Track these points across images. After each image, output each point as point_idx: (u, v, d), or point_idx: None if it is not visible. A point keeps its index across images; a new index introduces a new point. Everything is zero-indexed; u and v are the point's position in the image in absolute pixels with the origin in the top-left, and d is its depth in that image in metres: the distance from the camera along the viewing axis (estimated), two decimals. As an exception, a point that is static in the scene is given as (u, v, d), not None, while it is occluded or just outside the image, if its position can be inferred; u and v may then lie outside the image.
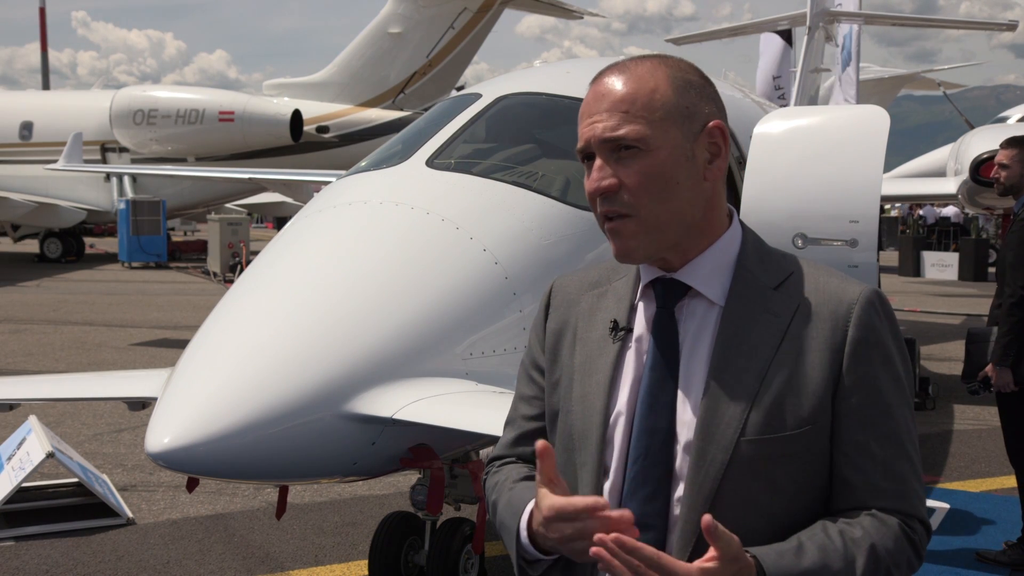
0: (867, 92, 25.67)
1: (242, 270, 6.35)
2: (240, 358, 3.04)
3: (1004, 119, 20.48)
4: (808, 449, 1.51)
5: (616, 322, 1.62)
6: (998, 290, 5.13)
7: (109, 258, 26.06)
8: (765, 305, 1.55)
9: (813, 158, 4.32)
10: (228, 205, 28.73)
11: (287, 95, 24.93)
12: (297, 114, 23.91)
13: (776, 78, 14.66)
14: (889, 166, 11.98)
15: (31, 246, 26.37)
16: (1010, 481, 5.93)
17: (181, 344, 3.61)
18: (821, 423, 1.51)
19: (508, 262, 3.60)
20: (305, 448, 2.96)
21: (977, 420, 8.28)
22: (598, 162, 1.53)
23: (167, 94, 24.96)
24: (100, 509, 5.64)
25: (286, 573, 4.89)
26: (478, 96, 4.63)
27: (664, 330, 1.58)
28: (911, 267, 23.34)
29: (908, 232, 26.51)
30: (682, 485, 1.51)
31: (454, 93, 7.66)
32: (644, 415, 1.54)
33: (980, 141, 10.81)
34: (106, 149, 25.35)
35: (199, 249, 26.33)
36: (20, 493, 5.56)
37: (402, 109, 24.45)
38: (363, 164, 4.53)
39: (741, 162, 4.61)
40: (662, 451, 1.52)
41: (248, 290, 3.49)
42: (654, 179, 1.50)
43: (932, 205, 30.66)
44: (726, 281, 1.57)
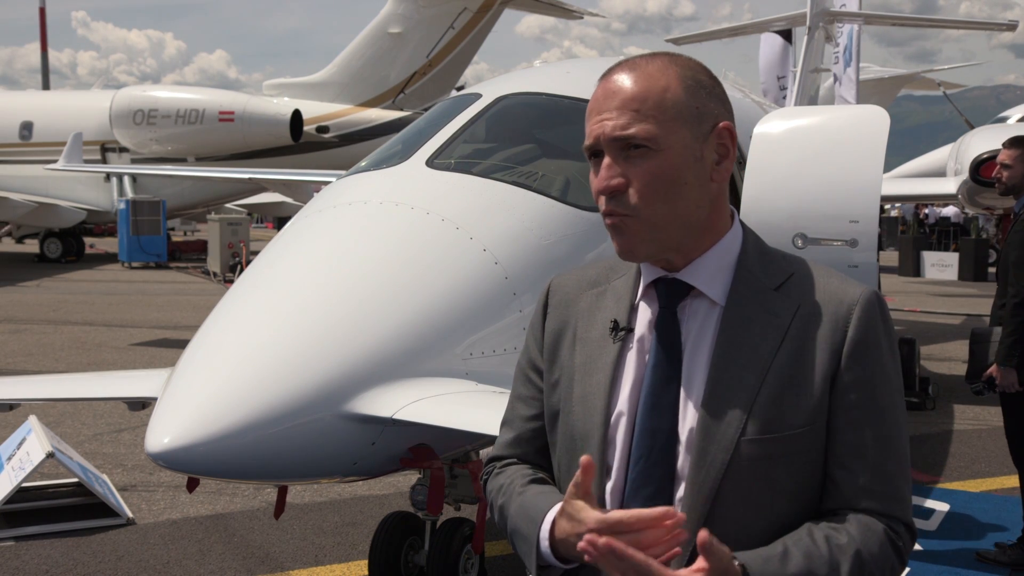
0: (867, 92, 25.65)
1: (242, 270, 6.35)
2: (240, 358, 3.04)
3: (1004, 119, 20.46)
4: (808, 449, 1.51)
5: (616, 322, 1.62)
6: (999, 290, 5.11)
7: (109, 258, 26.05)
8: (765, 306, 1.55)
9: (813, 158, 4.31)
10: (228, 205, 28.73)
11: (287, 95, 24.92)
12: (297, 114, 23.91)
13: (780, 78, 14.65)
14: (889, 166, 11.98)
15: (31, 246, 26.37)
16: (1010, 481, 5.94)
17: (181, 344, 3.61)
18: (820, 423, 1.51)
19: (508, 262, 3.60)
20: (305, 448, 2.96)
21: (977, 420, 8.28)
22: (607, 160, 1.52)
23: (167, 94, 24.95)
24: (100, 509, 5.63)
25: (286, 573, 4.89)
26: (478, 96, 4.63)
27: (667, 330, 1.57)
28: (911, 267, 23.35)
29: (908, 232, 26.50)
30: (683, 485, 1.51)
31: (454, 93, 7.65)
32: (646, 415, 1.54)
33: (980, 141, 10.81)
34: (106, 149, 25.35)
35: (199, 249, 26.32)
36: (20, 493, 5.56)
37: (402, 109, 24.46)
38: (363, 164, 4.53)
39: (741, 162, 4.61)
40: (664, 451, 1.52)
41: (248, 290, 3.49)
42: (663, 179, 1.49)
43: (932, 205, 30.66)
44: (727, 281, 1.57)
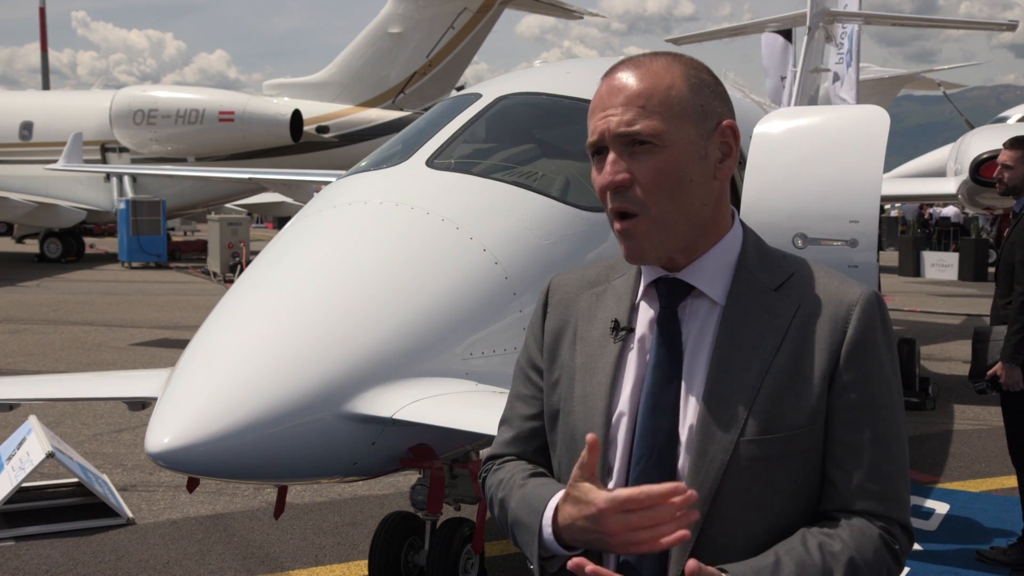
0: (867, 92, 25.65)
1: (242, 270, 6.35)
2: (240, 358, 3.04)
3: (1004, 119, 20.46)
4: (807, 449, 1.51)
5: (617, 321, 1.62)
6: (1001, 289, 5.07)
7: (109, 258, 26.05)
8: (765, 306, 1.54)
9: (813, 158, 4.31)
10: (228, 205, 28.72)
11: (287, 95, 24.92)
12: (297, 114, 23.91)
13: (783, 78, 14.65)
14: (889, 166, 11.98)
15: (31, 246, 26.37)
16: (1010, 481, 5.93)
17: (181, 344, 3.61)
18: (819, 423, 1.51)
19: (508, 262, 3.60)
20: (305, 448, 2.96)
21: (977, 420, 8.28)
22: (611, 156, 1.52)
23: (167, 94, 24.94)
24: (100, 509, 5.63)
25: (286, 573, 4.89)
26: (478, 96, 4.63)
27: (668, 330, 1.57)
28: (911, 267, 23.34)
29: (908, 232, 26.50)
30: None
31: (454, 93, 7.65)
32: (647, 415, 1.54)
33: (980, 141, 10.80)
34: (106, 149, 25.34)
35: (199, 249, 26.32)
36: (20, 493, 5.56)
37: (402, 109, 24.45)
38: (363, 164, 4.53)
39: (741, 162, 4.61)
40: (665, 452, 1.52)
41: (248, 290, 3.50)
42: (668, 176, 1.49)
43: (932, 205, 30.67)
44: (727, 281, 1.57)
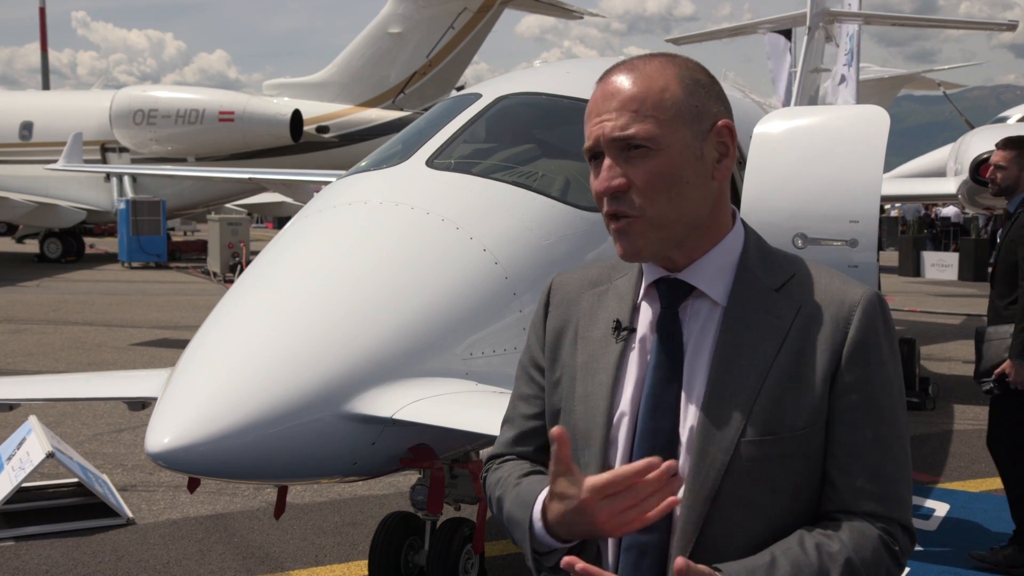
0: (867, 92, 25.65)
1: (242, 270, 6.35)
2: (240, 358, 3.04)
3: (1004, 119, 20.47)
4: (808, 450, 1.51)
5: (619, 322, 1.62)
6: (999, 290, 5.03)
7: (109, 258, 26.05)
8: (766, 307, 1.54)
9: (813, 158, 4.32)
10: (228, 205, 28.73)
11: (287, 95, 24.92)
12: (297, 114, 23.91)
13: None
14: (889, 166, 11.97)
15: (31, 246, 26.36)
16: (1010, 481, 5.92)
17: (181, 344, 3.61)
18: (820, 424, 1.51)
19: (508, 262, 3.60)
20: (305, 448, 2.96)
21: (977, 420, 8.27)
22: (607, 161, 1.52)
23: (167, 94, 24.95)
24: (100, 509, 5.63)
25: (286, 573, 4.89)
26: (478, 96, 4.63)
27: (668, 330, 1.57)
28: (911, 267, 23.34)
29: (908, 232, 26.50)
30: (684, 486, 1.51)
31: (454, 93, 7.66)
32: (647, 416, 1.54)
33: (980, 141, 10.81)
34: (106, 149, 25.35)
35: (199, 249, 26.32)
36: (20, 493, 5.56)
37: (402, 109, 24.45)
38: (363, 164, 4.53)
39: (741, 162, 4.61)
40: (665, 452, 1.51)
41: (248, 290, 3.50)
42: (664, 179, 1.50)
43: (937, 205, 30.67)
44: (728, 282, 1.57)
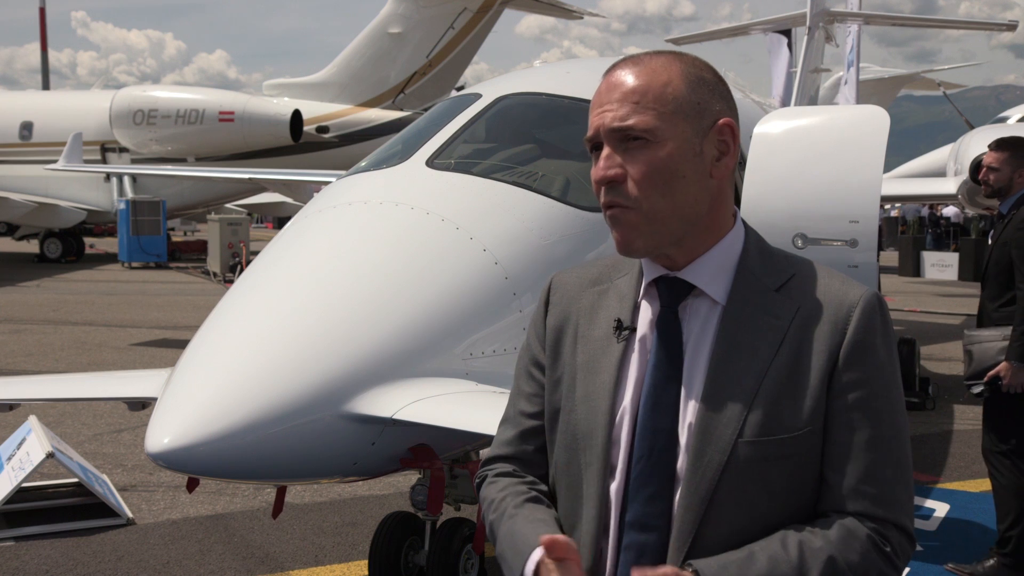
0: (867, 92, 25.67)
1: (242, 270, 6.35)
2: (240, 358, 3.04)
3: (1004, 119, 20.46)
4: (805, 451, 1.50)
5: (620, 321, 1.61)
6: (991, 292, 4.89)
7: (109, 258, 26.05)
8: (766, 307, 1.54)
9: (813, 158, 4.32)
10: (228, 205, 28.74)
11: (287, 95, 24.92)
12: (297, 114, 23.92)
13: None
14: (889, 166, 11.98)
15: (31, 246, 26.36)
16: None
17: (181, 344, 3.61)
18: (818, 425, 1.50)
19: (508, 262, 3.60)
20: (305, 448, 2.96)
21: (977, 420, 8.23)
22: (606, 151, 1.53)
23: (167, 94, 24.96)
24: (100, 509, 5.63)
25: (286, 573, 4.89)
26: (478, 96, 4.63)
27: (668, 330, 1.57)
28: (911, 267, 23.34)
29: (908, 232, 26.50)
30: (681, 486, 1.51)
31: (454, 93, 7.66)
32: (647, 415, 1.54)
33: (980, 141, 10.81)
34: (106, 149, 25.36)
35: (199, 249, 26.33)
36: (20, 493, 5.56)
37: (402, 109, 24.46)
38: (363, 164, 4.53)
39: (741, 162, 4.62)
40: (665, 452, 1.52)
41: (248, 290, 3.49)
42: (660, 171, 1.50)
43: (944, 205, 30.68)
44: (728, 281, 1.57)
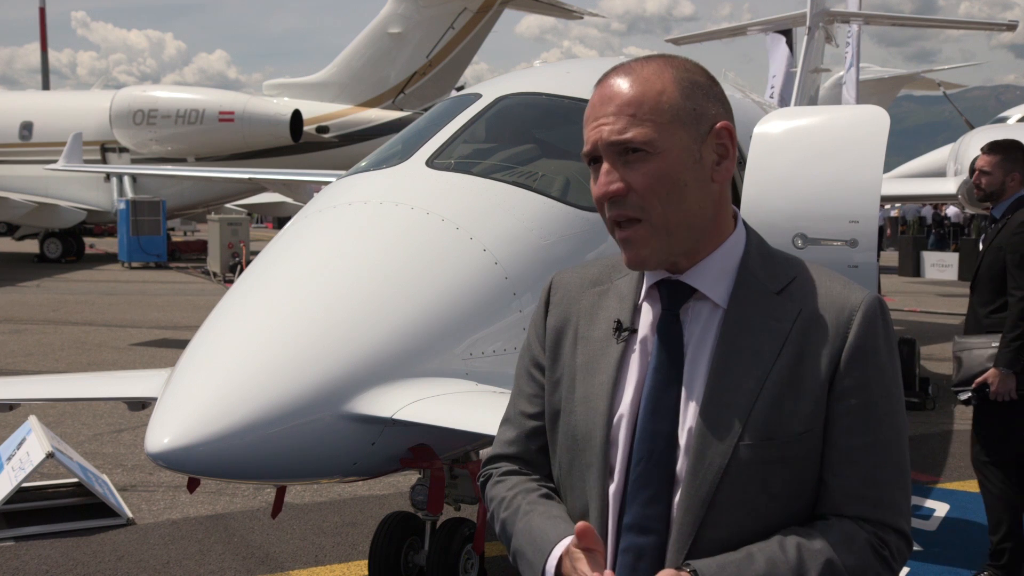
0: (867, 92, 25.66)
1: (242, 270, 6.35)
2: (240, 358, 3.04)
3: (1004, 119, 20.46)
4: (805, 455, 1.50)
5: (620, 322, 1.61)
6: (982, 297, 4.73)
7: (109, 258, 26.04)
8: (767, 310, 1.54)
9: (813, 158, 4.31)
10: (228, 205, 28.74)
11: (287, 95, 24.91)
12: (297, 114, 23.91)
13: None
14: (889, 166, 11.99)
15: (31, 246, 26.36)
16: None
17: (181, 344, 3.61)
18: (818, 429, 1.50)
19: (508, 262, 3.60)
20: (305, 448, 2.96)
21: (977, 420, 8.26)
22: (605, 166, 1.52)
23: (167, 94, 24.95)
24: (100, 509, 5.63)
25: (286, 573, 4.89)
26: (478, 96, 4.63)
27: (669, 332, 1.56)
28: (911, 267, 23.32)
29: (908, 232, 26.52)
30: (681, 488, 1.51)
31: (454, 93, 7.66)
32: (647, 418, 1.54)
33: (980, 141, 10.79)
34: (106, 149, 25.35)
35: (199, 249, 26.32)
36: (20, 493, 5.56)
37: (402, 109, 24.46)
38: (363, 164, 4.53)
39: (741, 162, 4.61)
40: (664, 454, 1.52)
41: (248, 290, 3.50)
42: (662, 182, 1.49)
43: (947, 205, 30.71)
44: (730, 284, 1.56)
